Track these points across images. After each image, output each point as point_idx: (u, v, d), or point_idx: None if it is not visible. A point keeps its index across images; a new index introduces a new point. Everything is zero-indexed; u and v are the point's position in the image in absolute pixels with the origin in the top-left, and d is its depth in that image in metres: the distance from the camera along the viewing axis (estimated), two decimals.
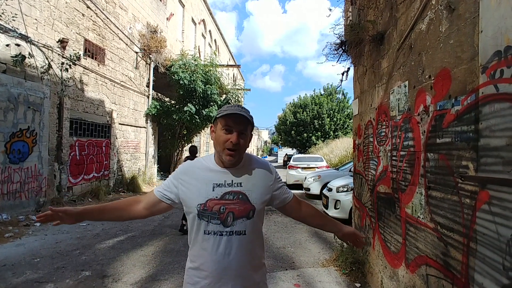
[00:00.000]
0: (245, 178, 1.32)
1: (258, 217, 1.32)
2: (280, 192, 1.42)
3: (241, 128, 1.27)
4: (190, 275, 1.31)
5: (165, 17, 13.04)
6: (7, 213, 5.54)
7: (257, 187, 1.32)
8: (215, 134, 1.30)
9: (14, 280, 3.38)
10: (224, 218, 1.24)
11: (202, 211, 1.25)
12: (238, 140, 1.25)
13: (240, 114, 1.25)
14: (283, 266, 3.93)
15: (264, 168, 1.40)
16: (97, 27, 8.40)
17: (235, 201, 1.27)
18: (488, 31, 1.44)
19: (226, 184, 1.28)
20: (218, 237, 1.24)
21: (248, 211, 1.28)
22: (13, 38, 5.69)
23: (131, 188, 9.98)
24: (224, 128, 1.26)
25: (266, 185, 1.36)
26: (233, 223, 1.25)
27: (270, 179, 1.39)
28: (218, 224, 1.24)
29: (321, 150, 20.71)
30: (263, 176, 1.37)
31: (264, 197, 1.34)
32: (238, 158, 1.30)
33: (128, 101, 10.34)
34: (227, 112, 1.25)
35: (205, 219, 1.25)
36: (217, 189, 1.27)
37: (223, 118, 1.26)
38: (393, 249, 2.59)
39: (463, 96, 1.63)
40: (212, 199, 1.25)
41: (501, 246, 1.32)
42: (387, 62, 2.87)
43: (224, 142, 1.25)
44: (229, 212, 1.25)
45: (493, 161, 1.39)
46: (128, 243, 4.76)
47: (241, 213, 1.27)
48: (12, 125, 5.76)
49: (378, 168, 3.03)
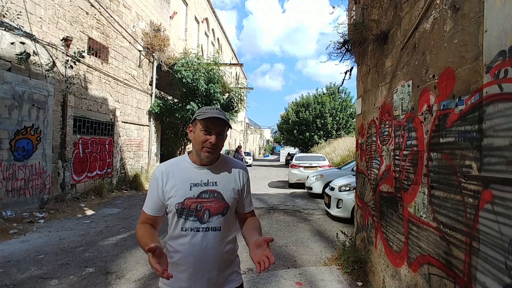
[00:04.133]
0: (220, 178, 1.40)
1: (231, 214, 1.42)
2: (243, 198, 1.48)
3: (220, 130, 1.35)
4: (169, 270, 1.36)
5: (168, 16, 13.06)
6: (11, 210, 5.59)
7: (229, 186, 1.41)
8: (194, 134, 1.38)
9: (19, 276, 3.42)
10: (200, 216, 1.33)
11: (180, 209, 1.33)
12: (216, 141, 1.33)
13: (220, 118, 1.33)
14: (285, 265, 3.95)
15: (238, 170, 1.48)
16: (100, 25, 8.43)
17: (211, 199, 1.35)
18: (493, 30, 1.44)
19: (203, 184, 1.36)
20: (195, 233, 1.32)
21: (223, 208, 1.36)
22: (18, 36, 5.73)
23: (134, 186, 10.02)
24: (204, 129, 1.33)
25: (236, 187, 1.43)
26: (209, 219, 1.33)
27: (239, 183, 1.45)
28: (195, 221, 1.32)
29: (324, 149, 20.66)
30: (236, 177, 1.45)
31: (234, 196, 1.41)
32: (215, 156, 1.38)
33: (131, 99, 10.38)
34: (207, 115, 1.32)
35: (183, 217, 1.33)
36: (194, 188, 1.35)
37: (203, 121, 1.33)
38: (395, 248, 2.59)
39: (467, 95, 1.63)
40: (190, 198, 1.33)
41: (503, 245, 1.32)
42: (391, 61, 2.87)
43: (203, 142, 1.33)
44: (206, 209, 1.34)
45: (497, 160, 1.39)
46: (131, 241, 4.79)
47: (216, 210, 1.35)
48: (16, 122, 5.80)
49: (381, 167, 3.03)
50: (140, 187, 10.12)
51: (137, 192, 9.70)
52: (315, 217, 6.80)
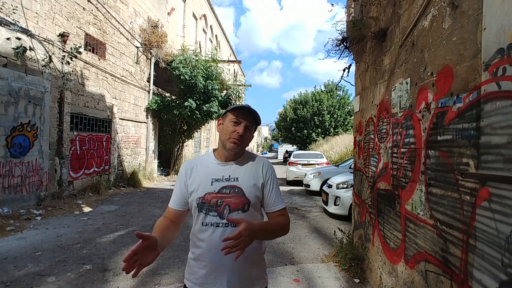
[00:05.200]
0: (242, 173, 1.39)
1: (255, 210, 1.38)
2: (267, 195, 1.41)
3: (248, 124, 1.38)
4: (190, 266, 1.39)
5: (166, 12, 12.97)
6: (8, 207, 5.56)
7: (251, 182, 1.38)
8: (223, 126, 1.40)
9: (16, 273, 3.40)
10: (220, 211, 1.32)
11: (201, 204, 1.34)
12: (244, 132, 1.35)
13: (250, 111, 1.38)
14: (283, 262, 3.96)
15: (262, 164, 1.44)
16: (98, 21, 8.36)
17: (231, 194, 1.34)
18: (492, 28, 1.44)
19: (224, 179, 1.36)
20: (214, 228, 1.31)
21: (243, 204, 1.34)
22: (13, 31, 5.67)
23: (132, 183, 10.00)
24: (233, 121, 1.36)
25: (258, 182, 1.39)
26: (229, 215, 1.32)
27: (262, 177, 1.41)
28: (215, 216, 1.32)
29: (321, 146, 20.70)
30: (258, 173, 1.41)
31: (256, 192, 1.37)
32: (240, 149, 1.38)
33: (129, 96, 10.32)
34: (240, 106, 1.39)
35: (203, 212, 1.33)
36: (215, 183, 1.35)
37: (234, 112, 1.37)
38: (392, 245, 2.61)
39: (465, 93, 1.63)
40: (210, 193, 1.33)
41: (500, 242, 1.33)
42: (389, 59, 2.87)
43: (231, 132, 1.35)
44: (226, 205, 1.33)
45: (494, 158, 1.40)
46: (129, 238, 4.78)
47: (236, 206, 1.33)
48: (13, 119, 5.76)
49: (379, 165, 3.04)
50: (137, 184, 10.09)
51: (134, 189, 9.68)
52: (313, 215, 6.83)
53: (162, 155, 13.81)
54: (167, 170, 13.67)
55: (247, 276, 1.34)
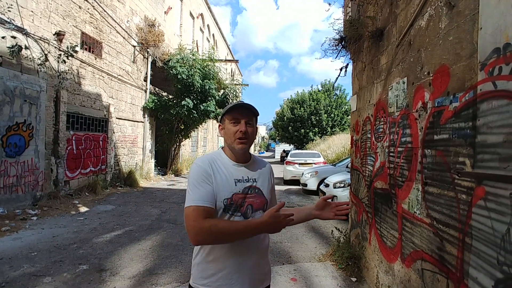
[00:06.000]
0: (258, 175, 1.42)
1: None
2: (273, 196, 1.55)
3: (247, 118, 1.36)
4: (203, 269, 1.30)
5: (163, 11, 12.92)
6: (3, 207, 5.51)
7: (266, 183, 1.45)
8: (225, 130, 1.38)
9: (11, 273, 3.38)
10: (244, 211, 1.32)
11: (228, 205, 1.29)
12: (246, 129, 1.34)
13: (244, 105, 1.36)
14: (280, 261, 3.96)
15: (269, 169, 1.53)
16: (94, 20, 8.31)
17: (253, 195, 1.36)
18: (488, 28, 1.45)
19: (244, 180, 1.37)
20: None
21: (264, 204, 1.40)
22: (9, 30, 5.61)
23: (129, 183, 9.95)
24: (232, 121, 1.35)
25: (269, 184, 1.48)
26: (252, 215, 1.34)
27: (271, 180, 1.52)
28: (239, 216, 1.31)
29: (318, 146, 20.73)
30: (268, 175, 1.50)
31: (270, 193, 1.47)
32: (248, 147, 1.38)
33: (126, 95, 10.27)
34: (232, 105, 1.36)
35: (230, 212, 1.30)
36: (238, 184, 1.34)
37: (230, 113, 1.36)
38: (389, 244, 2.62)
39: (462, 93, 1.64)
40: (237, 194, 1.32)
41: (496, 241, 1.34)
42: (386, 58, 2.87)
43: (234, 133, 1.33)
44: (249, 205, 1.34)
45: (490, 157, 1.41)
46: (126, 237, 4.77)
47: (258, 206, 1.37)
48: (8, 118, 5.71)
49: (376, 164, 3.05)
50: (134, 184, 10.05)
51: (131, 189, 9.64)
52: None
53: (159, 155, 13.76)
54: (164, 170, 13.63)
55: (263, 272, 1.40)
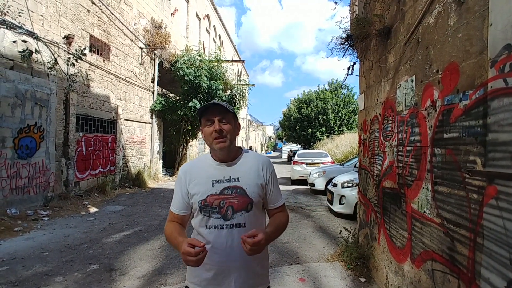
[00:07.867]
0: (243, 173, 1.37)
1: (257, 209, 1.38)
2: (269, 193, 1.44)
3: (220, 117, 1.33)
4: (192, 270, 1.35)
5: (170, 13, 13.02)
6: (16, 208, 5.63)
7: (253, 181, 1.37)
8: (203, 133, 1.37)
9: (24, 273, 3.45)
10: (224, 212, 1.31)
11: (203, 206, 1.32)
12: (220, 126, 1.31)
13: (214, 104, 1.32)
14: (288, 261, 3.95)
15: (262, 163, 1.43)
16: (102, 23, 8.42)
17: (234, 195, 1.33)
18: (498, 24, 1.42)
19: (225, 180, 1.35)
20: (219, 231, 1.30)
21: (246, 204, 1.33)
22: (19, 34, 5.73)
23: (137, 184, 10.06)
24: (207, 124, 1.34)
25: (260, 181, 1.39)
26: (233, 216, 1.31)
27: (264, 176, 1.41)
28: (219, 218, 1.30)
29: (326, 145, 20.62)
30: (259, 172, 1.41)
31: (258, 191, 1.37)
32: (229, 145, 1.34)
33: (133, 97, 10.39)
34: (203, 106, 1.34)
35: (206, 214, 1.31)
36: (216, 185, 1.34)
37: (203, 115, 1.35)
38: (398, 244, 2.59)
39: (472, 90, 1.61)
40: (212, 195, 1.32)
41: (508, 241, 1.31)
42: (394, 56, 2.85)
43: (210, 134, 1.32)
44: (229, 206, 1.31)
45: (502, 156, 1.38)
46: (135, 238, 4.82)
47: (239, 207, 1.33)
48: (19, 121, 5.83)
49: (384, 163, 3.02)
50: (143, 185, 10.16)
51: (140, 189, 9.74)
52: (318, 214, 6.81)
53: (167, 155, 13.86)
54: (172, 170, 13.73)
55: (253, 275, 1.35)
